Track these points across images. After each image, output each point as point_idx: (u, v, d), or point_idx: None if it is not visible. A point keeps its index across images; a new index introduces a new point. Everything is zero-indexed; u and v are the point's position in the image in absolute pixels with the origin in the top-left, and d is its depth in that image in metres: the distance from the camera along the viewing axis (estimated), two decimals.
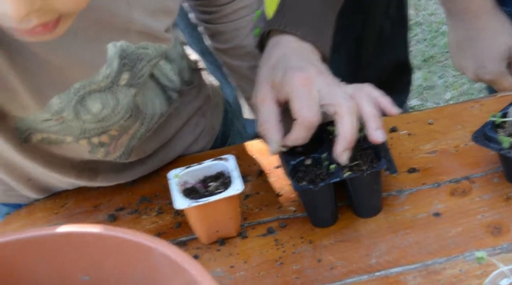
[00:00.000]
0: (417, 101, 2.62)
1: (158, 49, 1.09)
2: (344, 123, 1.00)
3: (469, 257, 0.97)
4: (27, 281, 0.79)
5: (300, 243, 1.06)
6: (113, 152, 1.15)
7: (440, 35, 2.86)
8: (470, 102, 1.23)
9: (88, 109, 1.05)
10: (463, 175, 1.10)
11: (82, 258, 0.77)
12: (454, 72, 2.72)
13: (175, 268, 0.71)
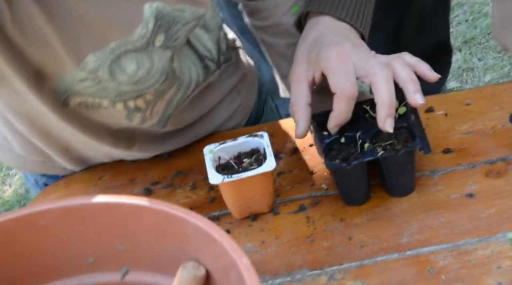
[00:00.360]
0: (455, 83, 2.60)
1: (194, 13, 1.10)
2: (381, 90, 1.01)
3: (502, 239, 0.98)
4: (66, 247, 0.81)
5: (331, 221, 1.07)
6: (150, 118, 1.16)
7: (482, 17, 2.82)
8: (510, 83, 1.22)
9: (123, 69, 1.06)
10: (498, 156, 1.10)
11: (118, 228, 0.79)
12: (494, 54, 2.68)
13: (207, 239, 0.73)
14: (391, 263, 0.99)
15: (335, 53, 1.04)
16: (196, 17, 1.11)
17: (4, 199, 2.68)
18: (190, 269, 0.76)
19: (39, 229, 0.79)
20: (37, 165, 1.28)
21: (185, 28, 1.10)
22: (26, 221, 0.79)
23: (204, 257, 0.76)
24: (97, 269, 0.82)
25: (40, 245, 0.80)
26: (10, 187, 2.73)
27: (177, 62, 1.13)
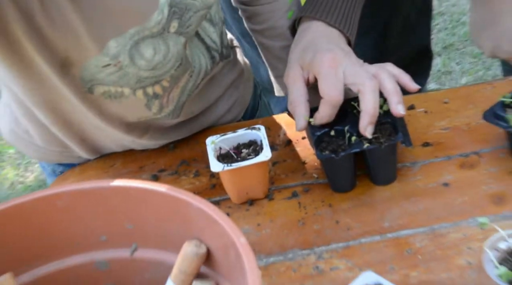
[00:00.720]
0: (435, 85, 2.60)
1: (204, 2, 1.10)
2: (367, 100, 1.01)
3: (472, 223, 0.98)
4: (81, 226, 0.81)
5: (320, 206, 1.07)
6: (166, 105, 1.16)
7: (460, 25, 2.83)
8: (484, 84, 1.23)
9: (141, 54, 1.05)
10: (472, 150, 1.10)
11: (127, 209, 0.79)
12: (470, 59, 2.69)
13: (209, 220, 0.73)
14: (374, 245, 0.99)
15: (327, 59, 1.05)
16: (205, 5, 1.11)
17: (27, 184, 2.68)
18: (193, 247, 0.76)
19: (57, 209, 0.80)
20: (55, 155, 1.28)
21: (196, 16, 1.10)
22: (45, 202, 0.80)
23: (206, 236, 0.76)
24: (109, 246, 0.82)
25: (58, 223, 0.80)
26: (32, 174, 2.73)
27: (189, 50, 1.13)
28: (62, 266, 0.82)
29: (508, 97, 1.04)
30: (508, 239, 0.86)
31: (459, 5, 2.92)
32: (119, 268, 0.82)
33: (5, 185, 2.69)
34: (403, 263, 0.95)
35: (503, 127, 1.02)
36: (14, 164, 2.77)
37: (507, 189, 1.02)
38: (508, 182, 1.03)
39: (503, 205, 1.00)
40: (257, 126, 1.11)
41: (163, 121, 1.20)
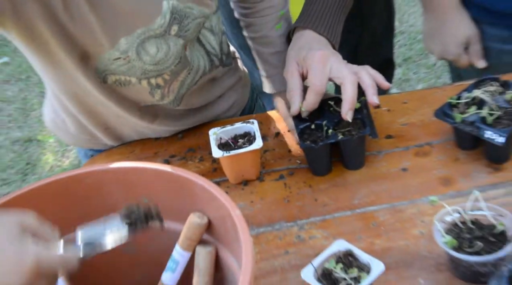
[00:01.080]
0: (396, 90, 2.61)
1: (201, 11, 1.09)
2: (348, 90, 1.03)
3: (425, 201, 0.99)
4: (106, 199, 0.81)
5: (302, 187, 1.07)
6: (167, 95, 1.15)
7: (416, 42, 2.84)
8: (435, 89, 1.22)
9: (147, 51, 1.05)
10: (425, 142, 1.10)
11: (143, 186, 0.79)
12: (425, 70, 2.70)
13: (210, 196, 0.74)
14: (345, 218, 0.99)
15: (318, 56, 1.06)
16: (202, 15, 1.10)
17: (63, 168, 2.68)
18: (196, 218, 0.76)
19: (86, 184, 0.80)
20: (85, 142, 1.27)
21: (194, 22, 1.09)
22: (77, 179, 0.80)
23: (207, 209, 0.76)
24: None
25: (87, 197, 0.81)
26: (68, 159, 2.73)
27: (189, 52, 1.12)
28: None
29: (454, 99, 1.05)
30: (453, 214, 0.86)
31: (415, 25, 2.94)
32: (137, 234, 0.82)
33: (46, 169, 2.69)
34: (369, 233, 0.96)
35: (450, 123, 1.03)
36: (53, 151, 2.76)
37: (453, 173, 1.03)
38: (454, 167, 1.04)
39: (449, 186, 1.00)
40: (251, 120, 1.11)
41: (167, 108, 1.19)
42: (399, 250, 0.92)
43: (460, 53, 1.29)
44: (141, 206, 0.73)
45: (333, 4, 1.14)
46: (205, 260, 0.76)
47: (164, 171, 0.77)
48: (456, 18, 1.27)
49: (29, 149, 2.78)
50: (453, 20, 1.27)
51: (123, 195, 0.80)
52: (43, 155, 2.76)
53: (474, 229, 0.85)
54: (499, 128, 0.97)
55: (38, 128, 2.88)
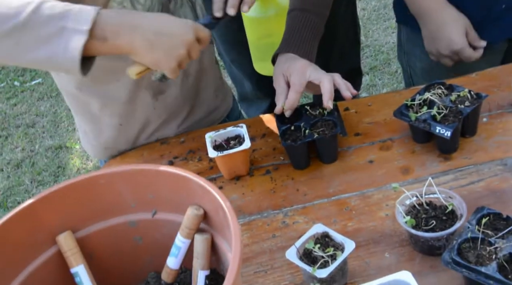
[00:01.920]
0: (366, 94, 2.60)
1: None
2: (326, 85, 1.03)
3: (389, 187, 0.98)
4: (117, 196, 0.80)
5: (286, 179, 1.06)
6: None
7: (380, 53, 2.84)
8: (394, 93, 1.21)
9: (138, 0, 0.99)
10: (387, 137, 1.09)
11: (149, 184, 0.78)
12: (388, 76, 2.70)
13: (205, 191, 0.73)
14: (322, 205, 0.99)
15: (299, 65, 1.07)
16: None
17: (87, 169, 2.67)
18: (194, 210, 0.75)
19: (100, 185, 0.79)
20: (103, 152, 1.26)
21: None
22: (92, 180, 0.79)
23: (203, 202, 0.75)
24: (137, 210, 0.81)
25: (101, 195, 0.79)
26: (92, 162, 2.71)
27: (173, 6, 1.07)
28: (105, 225, 0.81)
29: (409, 101, 1.04)
30: (412, 198, 0.86)
31: (379, 40, 2.93)
32: (144, 225, 0.81)
33: (73, 171, 2.68)
34: (343, 217, 0.95)
35: (406, 121, 1.02)
36: (79, 156, 2.75)
37: (410, 164, 1.02)
38: (411, 159, 1.03)
39: (408, 175, 1.00)
40: (240, 124, 1.10)
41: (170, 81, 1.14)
42: (368, 230, 0.91)
43: (465, 42, 1.22)
44: None
45: (309, 36, 1.13)
46: (202, 245, 0.75)
47: (165, 171, 0.76)
48: (451, 14, 1.23)
49: (60, 154, 2.78)
50: (449, 16, 1.22)
51: (131, 192, 0.79)
52: (71, 160, 2.75)
53: (429, 209, 0.85)
54: (446, 124, 0.97)
55: (66, 137, 2.88)
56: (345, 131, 1.06)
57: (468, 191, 0.93)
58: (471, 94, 1.01)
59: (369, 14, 3.10)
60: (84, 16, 0.75)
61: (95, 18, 0.76)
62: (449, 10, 1.23)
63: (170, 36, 0.82)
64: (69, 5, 0.76)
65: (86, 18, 0.75)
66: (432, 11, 1.23)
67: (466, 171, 0.97)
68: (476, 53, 1.22)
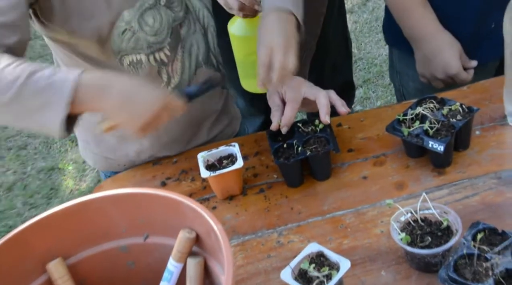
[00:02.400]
0: (359, 107, 2.62)
1: None
2: (322, 100, 1.06)
3: (383, 204, 0.98)
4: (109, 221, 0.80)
5: (280, 198, 1.06)
6: (172, 76, 1.13)
7: (373, 66, 2.86)
8: (386, 107, 1.22)
9: (146, 21, 1.04)
10: (381, 152, 1.10)
11: (140, 208, 0.78)
12: (382, 89, 2.71)
13: (196, 214, 0.72)
14: (317, 223, 0.98)
15: (294, 82, 1.10)
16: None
17: (81, 190, 2.66)
18: (185, 233, 0.75)
19: (92, 210, 0.79)
20: (103, 162, 1.26)
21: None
22: (83, 206, 0.79)
23: (195, 225, 0.75)
24: (128, 235, 0.80)
25: (92, 220, 0.79)
26: (85, 183, 2.71)
27: (186, 33, 1.11)
28: (96, 251, 0.81)
29: (401, 116, 1.04)
30: (406, 214, 0.86)
31: (372, 52, 2.96)
32: (136, 250, 0.81)
33: (67, 192, 2.67)
34: (338, 235, 0.95)
35: (399, 136, 1.02)
36: (72, 177, 2.74)
37: (405, 179, 1.02)
38: (405, 174, 1.03)
39: (402, 190, 1.00)
40: (232, 143, 1.10)
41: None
42: (364, 248, 0.91)
43: (461, 66, 1.23)
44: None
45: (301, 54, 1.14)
46: (195, 269, 0.75)
47: (156, 194, 0.76)
48: (445, 38, 1.24)
49: (52, 176, 2.77)
50: (444, 40, 1.23)
51: (123, 217, 0.79)
52: (64, 181, 2.75)
53: (424, 226, 0.85)
54: (439, 138, 0.97)
55: (59, 158, 2.88)
56: (338, 147, 1.06)
57: (463, 206, 0.93)
58: (463, 108, 1.02)
59: (361, 27, 3.13)
60: (65, 89, 0.85)
61: (75, 88, 0.85)
62: (445, 35, 1.24)
63: (137, 103, 0.89)
64: (53, 76, 0.85)
65: (66, 91, 0.84)
66: (427, 36, 1.24)
67: (460, 185, 0.97)
68: (469, 75, 1.24)
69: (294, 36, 0.97)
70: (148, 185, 1.17)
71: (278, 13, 0.98)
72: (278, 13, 0.98)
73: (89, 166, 2.76)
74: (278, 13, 0.98)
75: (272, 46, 0.96)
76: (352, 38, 2.85)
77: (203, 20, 1.14)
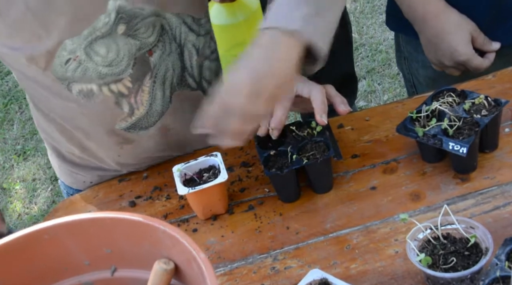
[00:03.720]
0: (363, 102, 2.62)
1: (153, 11, 1.07)
2: (317, 97, 1.04)
3: (397, 219, 0.98)
4: (67, 253, 0.78)
5: (273, 215, 1.06)
6: (137, 107, 1.13)
7: (378, 53, 2.87)
8: (395, 103, 1.22)
9: (96, 51, 1.04)
10: (391, 158, 1.10)
11: (105, 236, 0.77)
12: (389, 80, 2.72)
13: (174, 241, 0.71)
14: (319, 244, 0.98)
15: None
16: (153, 13, 1.08)
17: (32, 215, 2.63)
18: (162, 264, 0.74)
19: (44, 241, 0.77)
20: (67, 175, 1.28)
21: (144, 22, 1.07)
22: (35, 236, 0.77)
23: (173, 254, 0.74)
24: (92, 269, 0.79)
25: (47, 253, 0.78)
26: (36, 205, 2.68)
27: (158, 59, 1.11)
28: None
29: (414, 113, 1.05)
30: (425, 230, 0.86)
31: (375, 37, 2.96)
32: None
33: (14, 217, 2.64)
34: (344, 258, 0.95)
35: (413, 137, 1.03)
36: (20, 198, 2.72)
37: (421, 188, 1.02)
38: (421, 182, 1.04)
39: (419, 201, 1.00)
40: (214, 153, 1.10)
41: (143, 136, 1.17)
42: (376, 272, 0.91)
43: (472, 51, 1.23)
44: None
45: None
46: None
47: (123, 219, 0.75)
48: (452, 17, 1.24)
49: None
50: (450, 20, 1.24)
51: (83, 247, 0.77)
52: (10, 204, 2.72)
53: (447, 244, 0.85)
54: (461, 138, 0.98)
55: (3, 177, 2.85)
56: (340, 153, 1.07)
57: (493, 218, 0.93)
58: (488, 101, 1.03)
59: (362, 6, 3.14)
60: None
61: None
62: (450, 14, 1.24)
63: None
64: None
65: None
66: (430, 17, 1.24)
67: (488, 193, 0.98)
68: (485, 61, 1.24)
69: (282, 73, 0.85)
70: (114, 207, 1.16)
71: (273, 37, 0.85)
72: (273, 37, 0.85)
73: (41, 185, 2.73)
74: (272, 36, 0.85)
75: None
76: (352, 21, 2.87)
77: (180, 37, 1.14)
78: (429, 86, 1.39)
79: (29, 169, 2.83)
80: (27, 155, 2.88)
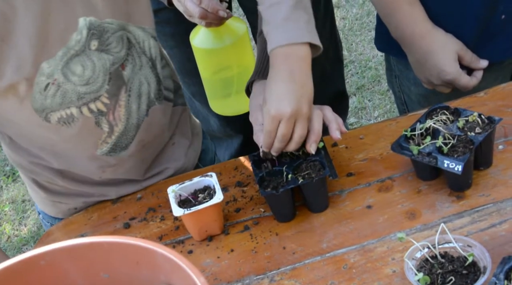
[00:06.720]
0: (354, 119, 2.63)
1: (120, 24, 1.08)
2: (315, 124, 1.05)
3: (393, 237, 0.98)
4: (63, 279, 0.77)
5: (269, 236, 1.06)
6: (115, 124, 1.13)
7: (367, 69, 2.89)
8: (389, 121, 1.23)
9: (73, 71, 1.04)
10: (386, 176, 1.10)
11: (102, 260, 0.76)
12: (379, 96, 2.74)
13: (173, 265, 0.71)
14: (316, 264, 0.98)
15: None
16: (121, 27, 1.09)
17: (22, 237, 2.60)
18: None
19: (40, 267, 0.76)
20: (51, 206, 1.26)
21: (114, 36, 1.08)
22: (30, 262, 0.76)
23: (172, 279, 0.74)
24: None
25: (43, 280, 0.77)
26: (26, 227, 2.65)
27: (130, 72, 1.12)
28: None
29: (408, 131, 1.05)
30: (422, 249, 0.86)
31: (364, 53, 2.99)
32: None
33: (3, 239, 2.61)
34: (341, 278, 0.95)
35: (407, 155, 1.03)
36: (9, 220, 2.69)
37: (417, 206, 1.03)
38: (417, 200, 1.04)
39: (415, 220, 1.00)
40: (209, 173, 1.10)
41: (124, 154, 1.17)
42: None
43: (459, 70, 1.25)
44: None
45: None
46: None
47: (121, 243, 0.74)
48: (438, 38, 1.25)
49: None
50: (436, 40, 1.25)
51: (80, 272, 0.77)
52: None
53: (445, 263, 0.85)
54: (455, 156, 0.98)
55: None
56: (335, 172, 1.07)
57: (490, 236, 0.93)
58: (482, 118, 1.04)
59: (351, 23, 3.17)
60: None
61: None
62: (436, 35, 1.26)
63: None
64: None
65: None
66: (417, 38, 1.26)
67: (484, 211, 0.98)
68: (472, 79, 1.26)
69: (306, 82, 1.05)
70: (108, 229, 1.16)
71: (286, 54, 1.04)
72: (286, 54, 1.04)
73: (30, 206, 2.71)
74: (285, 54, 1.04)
75: (281, 115, 1.01)
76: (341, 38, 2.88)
77: (150, 51, 1.15)
78: (421, 103, 1.41)
79: (18, 190, 2.81)
80: (16, 176, 2.86)
